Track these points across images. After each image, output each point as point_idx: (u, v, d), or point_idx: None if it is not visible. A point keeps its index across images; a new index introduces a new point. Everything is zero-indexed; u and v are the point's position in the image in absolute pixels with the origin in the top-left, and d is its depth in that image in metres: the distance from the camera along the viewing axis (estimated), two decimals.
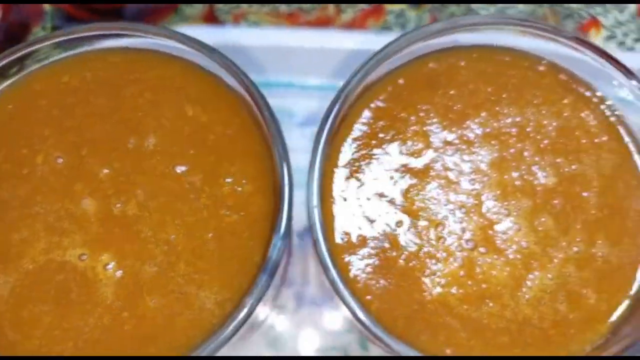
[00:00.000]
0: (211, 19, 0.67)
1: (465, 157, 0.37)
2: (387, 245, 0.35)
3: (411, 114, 0.38)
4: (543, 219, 0.36)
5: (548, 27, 0.38)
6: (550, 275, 0.36)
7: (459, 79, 0.39)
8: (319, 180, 0.34)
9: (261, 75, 0.55)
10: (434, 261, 0.35)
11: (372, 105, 0.38)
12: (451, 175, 0.37)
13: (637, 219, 0.37)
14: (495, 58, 0.39)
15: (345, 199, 0.36)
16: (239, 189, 0.36)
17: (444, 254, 0.35)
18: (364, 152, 0.37)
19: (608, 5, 0.70)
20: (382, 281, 0.35)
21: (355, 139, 0.37)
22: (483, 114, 0.38)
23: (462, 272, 0.35)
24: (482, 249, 0.36)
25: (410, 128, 0.38)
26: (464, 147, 0.37)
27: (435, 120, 0.38)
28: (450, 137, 0.37)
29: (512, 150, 0.37)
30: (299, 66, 0.52)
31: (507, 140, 0.38)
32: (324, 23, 0.68)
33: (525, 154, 0.37)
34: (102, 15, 0.68)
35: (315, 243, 0.33)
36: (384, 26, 0.68)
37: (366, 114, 0.38)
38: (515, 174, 0.37)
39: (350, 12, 0.68)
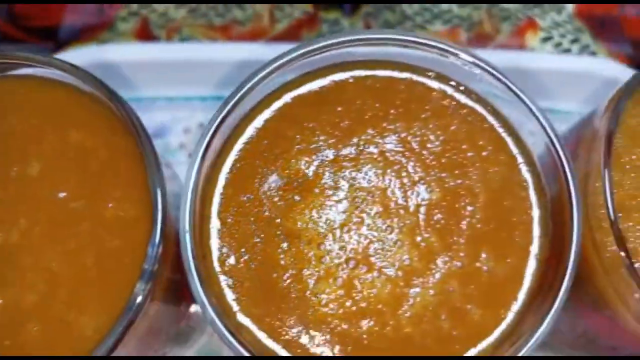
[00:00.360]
0: (145, 34, 0.67)
1: (350, 175, 0.37)
2: (267, 266, 0.35)
3: (297, 132, 0.38)
4: (426, 235, 0.36)
5: (432, 41, 0.37)
6: (433, 292, 0.35)
7: (347, 95, 0.39)
8: (191, 203, 0.34)
9: (170, 90, 0.55)
10: (313, 281, 0.35)
11: (257, 123, 0.38)
12: (335, 193, 0.37)
13: (523, 231, 0.37)
14: (384, 73, 0.39)
15: (226, 221, 0.36)
16: (122, 214, 0.36)
17: (325, 274, 0.35)
18: (246, 171, 0.37)
19: (546, 7, 0.69)
20: (262, 303, 0.35)
21: (237, 159, 0.37)
22: (370, 130, 0.38)
23: (342, 292, 0.35)
24: (363, 268, 0.36)
25: (295, 147, 0.37)
26: (349, 164, 0.37)
27: (321, 137, 0.38)
28: (336, 154, 0.37)
29: (397, 167, 0.37)
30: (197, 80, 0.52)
31: (393, 156, 0.38)
32: (258, 35, 0.68)
33: (411, 169, 0.37)
34: (39, 35, 0.68)
35: (187, 270, 0.33)
36: (319, 36, 0.68)
37: (250, 132, 0.38)
38: (399, 190, 0.37)
39: (285, 22, 0.68)
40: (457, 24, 0.69)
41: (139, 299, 0.32)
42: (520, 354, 0.33)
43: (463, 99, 0.39)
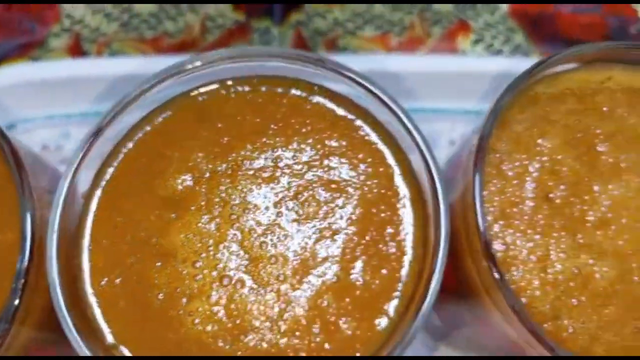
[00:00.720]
0: (76, 49, 0.67)
1: (227, 191, 0.37)
2: (143, 286, 0.36)
3: (175, 150, 0.38)
4: (301, 250, 0.36)
5: (312, 57, 0.38)
6: (307, 306, 0.36)
7: (228, 110, 0.39)
8: (59, 224, 0.34)
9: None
10: (187, 300, 0.35)
11: (136, 141, 0.38)
12: (211, 210, 0.37)
13: (400, 243, 0.37)
14: (265, 88, 0.39)
15: (100, 241, 0.36)
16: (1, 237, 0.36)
17: (198, 292, 0.35)
18: (123, 191, 0.37)
19: (480, 8, 0.69)
20: (137, 323, 0.35)
21: (115, 178, 0.37)
22: (249, 145, 0.38)
23: (216, 309, 0.35)
24: (238, 284, 0.36)
25: (173, 165, 0.38)
26: (226, 181, 0.37)
27: (199, 155, 0.38)
28: (213, 171, 0.38)
29: (275, 182, 0.38)
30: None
31: (272, 171, 0.38)
32: (189, 46, 0.68)
33: (289, 184, 0.37)
34: None
35: (51, 291, 0.33)
36: (249, 44, 0.68)
37: (129, 151, 0.38)
38: (276, 206, 0.37)
39: (216, 32, 0.68)
40: (388, 29, 0.69)
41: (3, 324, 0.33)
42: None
43: (343, 112, 0.39)
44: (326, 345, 0.35)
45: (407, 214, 0.37)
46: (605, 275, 0.38)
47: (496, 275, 0.34)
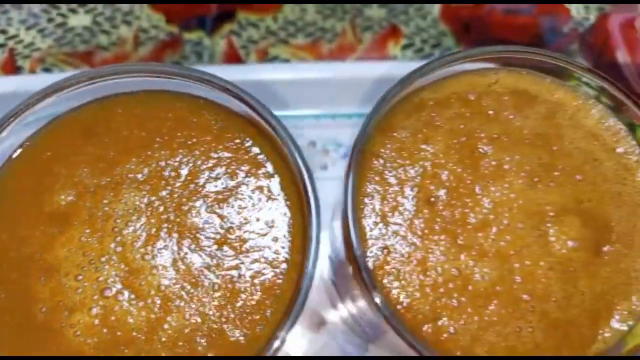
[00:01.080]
0: (10, 65, 0.68)
1: (111, 205, 0.38)
2: (27, 300, 0.36)
3: (63, 167, 0.39)
4: (184, 260, 0.37)
5: (199, 73, 0.38)
6: (189, 315, 0.36)
7: (115, 125, 0.40)
8: None
9: None
10: (68, 312, 0.36)
11: (24, 159, 0.39)
12: (94, 224, 0.38)
13: (280, 250, 0.38)
14: (152, 102, 0.40)
15: None
16: None
17: (80, 305, 0.36)
18: (9, 209, 0.38)
19: (412, 13, 0.70)
20: (22, 337, 0.36)
21: (3, 197, 0.38)
22: (134, 159, 0.39)
23: (97, 321, 0.36)
24: (119, 296, 0.36)
25: (59, 181, 0.38)
26: (111, 194, 0.38)
27: (86, 169, 0.39)
28: (99, 185, 0.38)
29: (159, 194, 0.38)
30: None
31: (156, 184, 0.38)
32: (121, 59, 0.69)
33: (173, 196, 0.38)
34: None
35: None
36: (182, 56, 0.69)
37: (17, 169, 0.39)
38: (160, 217, 0.38)
39: (149, 44, 0.69)
40: (320, 36, 0.70)
41: None
42: None
43: (228, 124, 0.40)
44: (209, 354, 0.36)
45: (288, 222, 0.38)
46: (486, 276, 0.38)
47: (365, 278, 0.35)
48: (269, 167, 0.39)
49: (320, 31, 0.70)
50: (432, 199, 0.39)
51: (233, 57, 0.68)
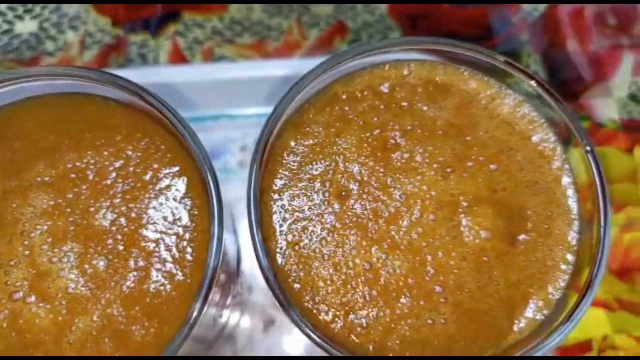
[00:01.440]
0: None
1: (20, 209, 0.38)
2: None
3: None
4: (94, 262, 0.37)
5: (108, 76, 0.38)
6: (96, 317, 0.36)
7: (24, 130, 0.40)
8: None
9: None
10: None
11: None
12: (3, 228, 0.38)
13: (188, 250, 0.38)
14: (62, 105, 0.40)
15: None
16: None
17: None
18: None
19: (359, 8, 0.70)
20: None
21: None
22: (42, 163, 0.39)
23: (5, 324, 0.36)
24: (29, 299, 0.36)
25: None
26: (20, 198, 0.38)
27: None
28: (7, 190, 0.38)
29: (70, 196, 0.38)
30: None
31: (65, 187, 0.38)
32: (66, 62, 0.69)
33: (81, 197, 0.38)
34: None
35: None
36: (127, 59, 0.69)
37: None
38: (69, 219, 0.38)
39: (95, 48, 0.69)
40: (266, 34, 0.69)
41: None
42: None
43: (139, 125, 0.40)
44: (117, 354, 0.36)
45: (194, 221, 0.38)
46: (397, 269, 0.38)
47: (268, 275, 0.35)
48: (177, 167, 0.38)
49: (266, 30, 0.69)
50: (344, 193, 0.39)
51: (178, 58, 0.68)
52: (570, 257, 0.39)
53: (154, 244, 0.37)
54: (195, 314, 0.34)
